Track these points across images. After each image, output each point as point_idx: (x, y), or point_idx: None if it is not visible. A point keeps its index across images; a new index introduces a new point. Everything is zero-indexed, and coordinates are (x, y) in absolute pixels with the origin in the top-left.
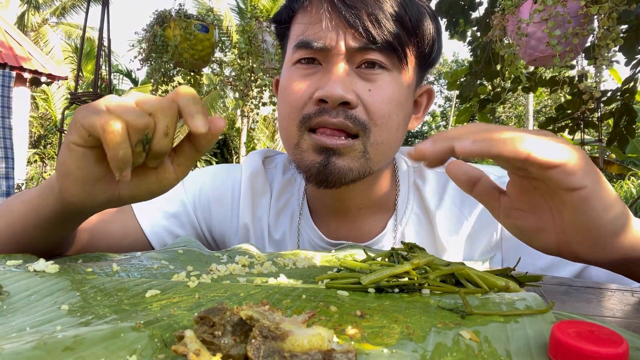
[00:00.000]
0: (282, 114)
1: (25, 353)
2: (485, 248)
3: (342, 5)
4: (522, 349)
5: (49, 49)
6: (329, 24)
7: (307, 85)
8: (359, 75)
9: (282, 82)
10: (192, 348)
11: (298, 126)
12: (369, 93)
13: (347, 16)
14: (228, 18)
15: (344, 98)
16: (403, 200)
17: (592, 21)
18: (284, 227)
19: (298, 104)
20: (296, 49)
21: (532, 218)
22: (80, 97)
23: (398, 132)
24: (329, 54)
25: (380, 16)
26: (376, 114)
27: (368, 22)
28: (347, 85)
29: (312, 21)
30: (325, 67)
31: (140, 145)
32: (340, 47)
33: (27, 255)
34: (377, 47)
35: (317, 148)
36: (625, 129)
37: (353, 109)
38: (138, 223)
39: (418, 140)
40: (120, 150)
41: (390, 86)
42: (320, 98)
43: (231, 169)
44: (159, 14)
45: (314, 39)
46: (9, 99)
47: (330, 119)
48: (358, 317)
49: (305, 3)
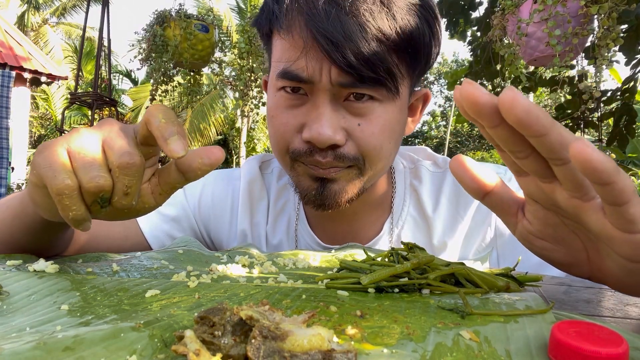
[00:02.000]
0: (272, 140)
1: (25, 353)
2: (479, 245)
3: (323, 40)
4: (522, 349)
5: (49, 49)
6: (312, 59)
7: (294, 119)
8: (346, 108)
9: (269, 105)
10: (192, 348)
11: (289, 156)
12: (359, 128)
13: (330, 52)
14: (228, 18)
15: (332, 140)
16: (399, 202)
17: (592, 21)
18: (281, 232)
19: (286, 137)
20: (279, 77)
21: (560, 253)
22: (80, 97)
23: (392, 155)
24: (314, 87)
25: (365, 48)
26: (366, 147)
27: (352, 58)
28: (335, 124)
29: (294, 47)
30: (311, 100)
31: (97, 205)
32: (325, 82)
33: (27, 255)
34: (364, 81)
35: (312, 176)
36: (625, 129)
37: (341, 147)
38: (139, 226)
39: (418, 140)
40: (70, 213)
41: (381, 117)
42: (308, 140)
43: (231, 175)
44: (159, 14)
45: (297, 71)
46: (7, 99)
47: (320, 160)
48: (358, 317)
49: (285, 32)
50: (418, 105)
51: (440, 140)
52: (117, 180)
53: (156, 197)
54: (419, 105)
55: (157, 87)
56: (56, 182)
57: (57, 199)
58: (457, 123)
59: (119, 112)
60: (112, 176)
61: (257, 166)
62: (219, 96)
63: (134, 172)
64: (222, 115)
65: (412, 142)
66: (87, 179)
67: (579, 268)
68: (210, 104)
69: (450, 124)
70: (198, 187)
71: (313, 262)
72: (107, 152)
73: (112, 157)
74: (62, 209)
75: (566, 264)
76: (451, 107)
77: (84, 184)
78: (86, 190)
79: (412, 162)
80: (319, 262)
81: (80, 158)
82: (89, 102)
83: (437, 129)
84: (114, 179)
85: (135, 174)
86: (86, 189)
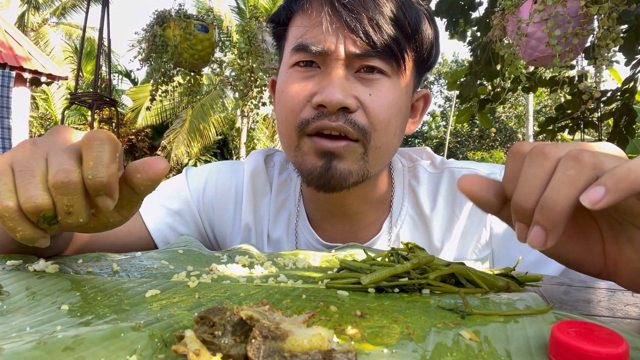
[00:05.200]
0: (279, 117)
1: (25, 353)
2: (475, 245)
3: (342, 9)
4: (522, 349)
5: (49, 49)
6: (329, 27)
7: (305, 89)
8: (358, 79)
9: (279, 85)
10: (192, 348)
11: (297, 130)
12: (370, 97)
13: (348, 20)
14: (228, 18)
15: (343, 103)
16: (398, 202)
17: (592, 21)
18: (282, 228)
19: (296, 108)
20: (294, 51)
21: (577, 247)
22: (80, 97)
23: (396, 137)
24: (328, 58)
25: (380, 21)
26: (376, 118)
27: (369, 27)
28: (347, 90)
29: (312, 24)
30: (324, 71)
31: (45, 223)
32: (340, 52)
33: (27, 255)
34: (377, 52)
35: (318, 151)
36: (625, 129)
37: (352, 113)
38: (142, 220)
39: (418, 140)
40: (17, 234)
41: (390, 92)
42: (319, 103)
43: (235, 168)
44: (158, 14)
45: (313, 43)
46: (8, 99)
47: (330, 123)
48: (358, 317)
49: (305, 5)
50: (419, 107)
51: (440, 140)
52: (56, 199)
53: (119, 211)
54: (419, 106)
55: (157, 87)
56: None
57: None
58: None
59: (119, 112)
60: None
61: (262, 159)
62: (219, 96)
63: (71, 190)
64: (221, 116)
65: (412, 142)
66: (24, 199)
67: (592, 263)
68: (210, 104)
69: (450, 124)
70: (201, 179)
71: (313, 262)
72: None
73: (49, 174)
74: (8, 229)
75: (580, 260)
76: (451, 107)
77: (22, 204)
78: (25, 210)
79: (411, 161)
80: (319, 262)
81: (21, 175)
82: (89, 102)
83: (437, 129)
84: (53, 197)
85: (74, 192)
86: (24, 209)
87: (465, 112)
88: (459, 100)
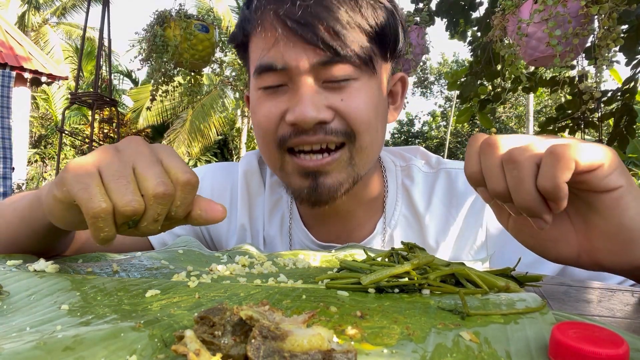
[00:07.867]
0: (257, 137)
1: (25, 353)
2: (471, 246)
3: (296, 26)
4: (522, 350)
5: (49, 49)
6: (286, 45)
7: (277, 107)
8: (327, 89)
9: (251, 106)
10: (192, 348)
11: (277, 148)
12: (343, 103)
13: (304, 35)
14: (228, 18)
15: (316, 119)
16: (392, 202)
17: (593, 21)
18: (276, 228)
19: (271, 127)
20: (258, 74)
21: (549, 229)
22: (80, 97)
23: (378, 133)
24: (293, 73)
25: (337, 27)
26: (355, 121)
27: (326, 35)
28: (318, 104)
29: (268, 45)
30: (292, 87)
31: (126, 226)
32: (304, 65)
33: (27, 255)
34: (341, 58)
35: (301, 172)
36: (626, 129)
37: (330, 123)
38: None
39: (418, 140)
40: (102, 233)
41: (362, 92)
42: (292, 122)
43: (230, 169)
44: (159, 14)
45: (274, 61)
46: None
47: (309, 138)
48: (358, 317)
49: (258, 29)
50: (398, 91)
51: (440, 140)
52: (149, 207)
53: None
54: (398, 90)
55: (157, 88)
56: (92, 205)
57: (91, 221)
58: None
59: (119, 112)
60: (145, 202)
61: (256, 160)
62: (219, 96)
63: (167, 202)
64: (222, 116)
65: (412, 142)
66: (123, 203)
67: (566, 244)
68: (211, 104)
69: (450, 124)
70: None
71: (313, 262)
72: (139, 178)
73: (147, 184)
74: (94, 229)
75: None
76: (451, 107)
77: (119, 207)
78: (121, 213)
79: (405, 161)
80: (319, 262)
81: (115, 180)
82: (89, 102)
83: (437, 129)
84: (147, 205)
85: (167, 204)
86: (121, 212)
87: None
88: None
